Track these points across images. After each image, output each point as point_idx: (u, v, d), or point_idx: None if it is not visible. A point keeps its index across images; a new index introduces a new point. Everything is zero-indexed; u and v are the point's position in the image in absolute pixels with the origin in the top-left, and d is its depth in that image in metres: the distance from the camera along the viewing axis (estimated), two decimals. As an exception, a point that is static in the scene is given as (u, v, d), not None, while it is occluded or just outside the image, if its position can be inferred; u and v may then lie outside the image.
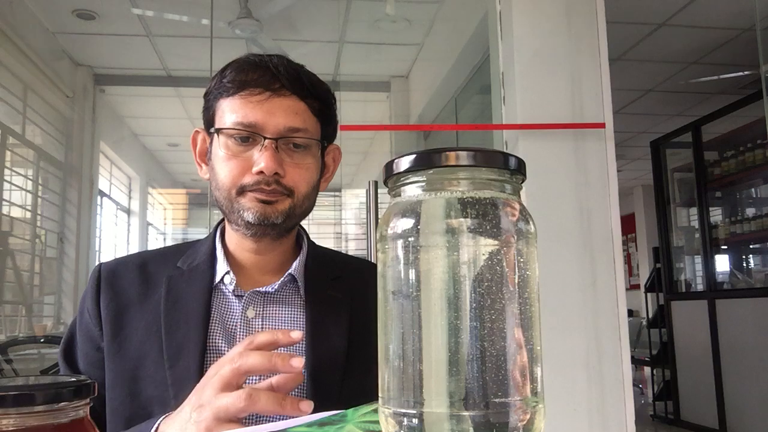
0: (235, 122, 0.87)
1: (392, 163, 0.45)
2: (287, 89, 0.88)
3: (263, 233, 0.90)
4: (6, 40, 3.58)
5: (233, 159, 0.87)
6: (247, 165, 0.86)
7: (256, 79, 0.87)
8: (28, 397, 0.39)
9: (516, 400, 0.41)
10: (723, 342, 4.46)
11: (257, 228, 0.88)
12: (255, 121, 0.86)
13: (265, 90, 0.87)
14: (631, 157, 7.14)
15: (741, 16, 3.86)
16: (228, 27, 3.56)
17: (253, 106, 0.87)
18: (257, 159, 0.86)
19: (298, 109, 0.89)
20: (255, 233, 0.89)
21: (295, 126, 0.88)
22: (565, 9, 2.44)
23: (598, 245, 2.32)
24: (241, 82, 0.88)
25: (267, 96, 0.87)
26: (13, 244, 3.65)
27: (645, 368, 6.50)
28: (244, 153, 0.87)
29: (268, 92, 0.87)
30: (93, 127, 4.56)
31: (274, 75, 0.88)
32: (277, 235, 0.91)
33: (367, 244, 2.63)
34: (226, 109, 0.89)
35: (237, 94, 0.88)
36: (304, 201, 0.90)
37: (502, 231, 0.42)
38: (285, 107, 0.87)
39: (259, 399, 0.68)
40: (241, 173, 0.86)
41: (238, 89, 0.88)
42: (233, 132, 0.87)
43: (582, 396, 2.23)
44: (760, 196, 5.14)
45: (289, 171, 0.88)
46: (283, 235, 0.93)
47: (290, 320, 0.91)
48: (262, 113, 0.86)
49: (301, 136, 0.88)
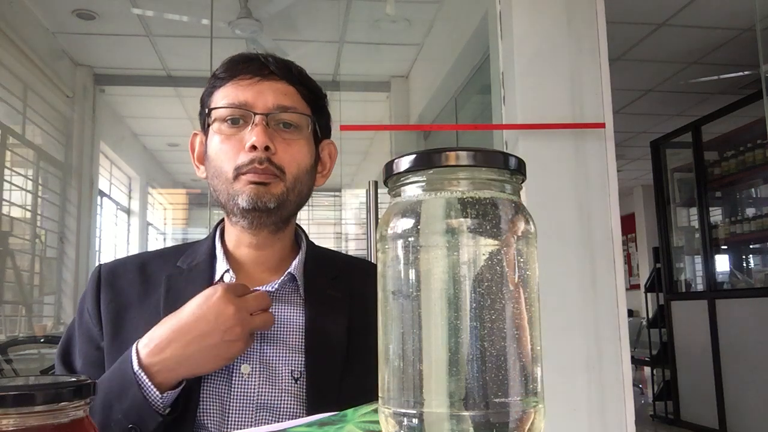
0: (226, 103, 0.90)
1: (392, 163, 0.45)
2: (277, 75, 0.91)
3: (259, 222, 0.90)
4: (6, 40, 3.58)
5: (227, 141, 0.89)
6: (240, 145, 0.88)
7: (246, 67, 0.91)
8: (28, 397, 0.39)
9: (516, 400, 0.41)
10: (723, 342, 4.46)
11: (252, 215, 0.89)
12: (245, 100, 0.89)
13: (255, 75, 0.90)
14: (631, 157, 7.14)
15: (741, 16, 3.86)
16: (228, 27, 3.56)
17: (244, 88, 0.90)
18: (248, 135, 0.88)
19: (288, 91, 0.92)
20: (251, 222, 0.90)
21: (284, 104, 0.90)
22: (565, 9, 2.44)
23: (598, 245, 2.32)
24: (233, 71, 0.91)
25: (257, 80, 0.90)
26: (13, 244, 3.65)
27: (645, 368, 6.50)
28: (237, 134, 0.89)
29: (258, 77, 0.90)
30: (93, 127, 4.56)
31: (264, 64, 0.91)
32: (272, 225, 0.92)
33: (367, 244, 2.64)
34: (218, 96, 0.92)
35: (229, 82, 0.91)
36: (296, 184, 0.91)
37: (502, 231, 0.42)
38: (274, 88, 0.91)
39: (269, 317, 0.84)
40: (236, 154, 0.88)
41: (229, 78, 0.91)
42: (225, 112, 0.90)
43: (582, 396, 2.23)
44: (760, 196, 5.14)
45: (280, 149, 0.89)
46: (279, 228, 0.93)
47: (289, 319, 0.91)
48: (252, 93, 0.89)
49: (290, 112, 0.90)
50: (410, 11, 3.75)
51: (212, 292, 0.80)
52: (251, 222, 0.90)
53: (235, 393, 0.85)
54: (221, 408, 0.85)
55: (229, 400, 0.85)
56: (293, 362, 0.88)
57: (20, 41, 3.69)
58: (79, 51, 4.28)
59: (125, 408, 0.77)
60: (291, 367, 0.87)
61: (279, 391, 0.86)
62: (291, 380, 0.87)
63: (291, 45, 3.97)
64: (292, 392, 0.86)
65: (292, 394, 0.86)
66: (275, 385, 0.86)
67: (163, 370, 0.78)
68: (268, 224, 0.91)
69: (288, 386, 0.86)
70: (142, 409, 0.76)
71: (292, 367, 0.87)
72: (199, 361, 0.79)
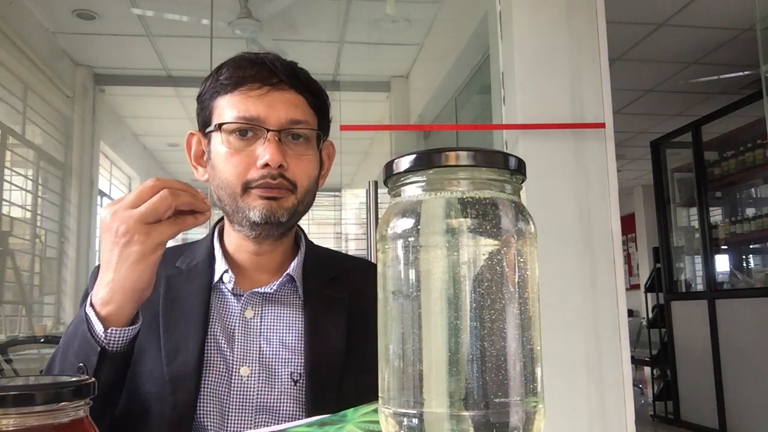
0: (236, 117, 0.87)
1: (392, 163, 0.45)
2: (285, 84, 0.89)
3: (267, 234, 0.89)
4: (6, 40, 3.58)
5: (236, 155, 0.87)
6: (251, 160, 0.86)
7: (254, 75, 0.88)
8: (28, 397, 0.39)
9: (516, 400, 0.41)
10: (723, 342, 4.46)
11: (262, 228, 0.88)
12: (257, 114, 0.86)
13: (264, 84, 0.88)
14: (631, 157, 7.14)
15: (741, 16, 3.86)
16: (228, 27, 3.56)
17: (254, 101, 0.87)
18: (261, 152, 0.85)
19: (298, 102, 0.89)
20: (259, 234, 0.89)
21: (296, 118, 0.88)
22: (565, 9, 2.44)
23: (598, 245, 2.32)
24: (239, 78, 0.88)
25: (266, 90, 0.88)
26: (13, 244, 3.65)
27: (645, 368, 6.50)
28: (247, 148, 0.87)
29: (267, 87, 0.88)
30: (93, 127, 4.56)
31: (272, 70, 0.88)
32: (279, 235, 0.91)
33: (367, 244, 2.63)
34: (225, 106, 0.89)
35: (236, 90, 0.88)
36: (306, 196, 0.90)
37: (502, 231, 0.42)
38: (285, 100, 0.88)
39: (178, 194, 0.74)
40: (246, 169, 0.86)
41: (236, 86, 0.88)
42: (235, 126, 0.87)
43: (582, 396, 2.23)
44: (760, 196, 5.14)
45: (292, 164, 0.88)
46: (284, 235, 0.93)
47: (289, 320, 0.91)
48: (264, 106, 0.87)
49: (302, 127, 0.89)
50: (410, 11, 3.75)
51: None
52: (259, 234, 0.89)
53: (235, 395, 0.85)
54: (221, 410, 0.85)
55: (229, 402, 0.85)
56: (293, 364, 0.88)
57: (20, 41, 3.69)
58: (79, 51, 4.28)
59: (76, 347, 0.76)
60: (290, 369, 0.87)
61: (278, 393, 0.86)
62: (290, 382, 0.87)
63: (291, 45, 3.96)
64: (292, 394, 0.86)
65: (292, 396, 0.86)
66: (275, 387, 0.86)
67: (103, 301, 0.76)
68: (275, 235, 0.90)
69: (287, 388, 0.86)
70: (86, 344, 0.75)
71: (291, 369, 0.87)
72: (119, 276, 0.75)
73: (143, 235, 0.73)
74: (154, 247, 0.74)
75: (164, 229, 0.74)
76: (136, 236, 0.73)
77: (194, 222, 0.76)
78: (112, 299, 0.75)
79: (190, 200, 0.75)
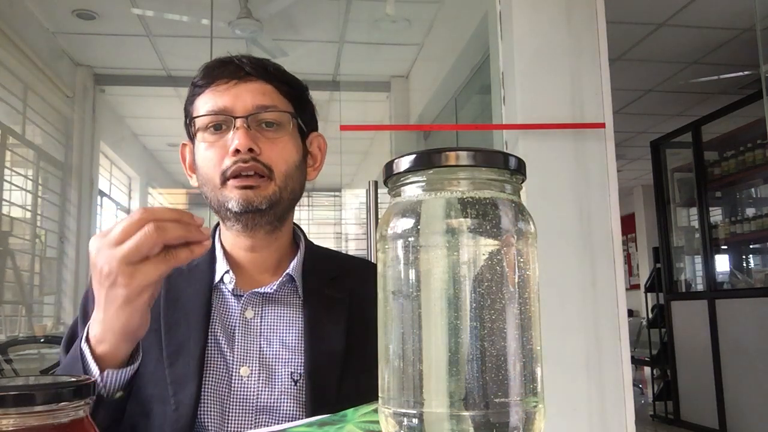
0: (205, 111, 0.89)
1: (392, 163, 0.45)
2: (253, 75, 0.91)
3: (253, 223, 0.89)
4: (6, 40, 3.58)
5: (211, 148, 0.89)
6: (224, 151, 0.88)
7: (222, 72, 0.91)
8: (28, 397, 0.39)
9: (516, 400, 0.41)
10: (723, 342, 4.46)
11: (245, 218, 0.88)
12: (224, 105, 0.89)
13: (232, 78, 0.90)
14: (631, 157, 7.14)
15: (741, 16, 3.86)
16: (228, 27, 3.56)
17: (221, 93, 0.90)
18: (230, 139, 0.87)
19: (265, 90, 0.91)
20: (245, 225, 0.89)
21: (263, 104, 0.90)
22: (565, 9, 2.44)
23: (598, 245, 2.32)
24: (210, 77, 0.91)
25: (234, 83, 0.90)
26: (13, 244, 3.65)
27: (645, 368, 6.50)
28: (220, 141, 0.89)
29: (235, 80, 0.90)
30: (93, 127, 4.56)
31: (239, 66, 0.91)
32: (267, 225, 0.91)
33: (367, 244, 2.63)
34: (199, 105, 0.91)
35: (207, 89, 0.91)
36: (287, 181, 0.90)
37: (502, 231, 0.42)
38: (252, 89, 0.90)
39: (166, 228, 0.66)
40: (220, 160, 0.88)
41: (207, 85, 0.91)
42: (206, 120, 0.89)
43: (582, 396, 2.23)
44: (760, 196, 5.14)
45: (265, 148, 0.88)
46: (275, 227, 0.93)
47: (288, 320, 0.91)
48: (230, 97, 0.89)
49: (271, 110, 0.90)
50: (410, 11, 3.75)
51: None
52: (245, 224, 0.89)
53: (235, 395, 0.85)
54: (221, 410, 0.85)
55: (229, 402, 0.85)
56: (293, 364, 0.88)
57: (20, 41, 3.69)
58: (79, 51, 4.28)
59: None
60: (290, 369, 0.87)
61: (279, 393, 0.86)
62: (291, 382, 0.87)
63: (291, 45, 3.96)
64: (292, 394, 0.86)
65: (292, 396, 0.86)
66: (275, 387, 0.86)
67: (97, 339, 0.72)
68: (262, 224, 0.90)
69: (288, 388, 0.86)
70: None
71: (291, 369, 0.87)
72: (108, 317, 0.70)
73: (127, 277, 0.66)
74: (140, 289, 0.67)
75: (150, 270, 0.67)
76: (119, 278, 0.67)
77: (189, 255, 0.69)
78: (104, 339, 0.72)
79: (181, 233, 0.67)
